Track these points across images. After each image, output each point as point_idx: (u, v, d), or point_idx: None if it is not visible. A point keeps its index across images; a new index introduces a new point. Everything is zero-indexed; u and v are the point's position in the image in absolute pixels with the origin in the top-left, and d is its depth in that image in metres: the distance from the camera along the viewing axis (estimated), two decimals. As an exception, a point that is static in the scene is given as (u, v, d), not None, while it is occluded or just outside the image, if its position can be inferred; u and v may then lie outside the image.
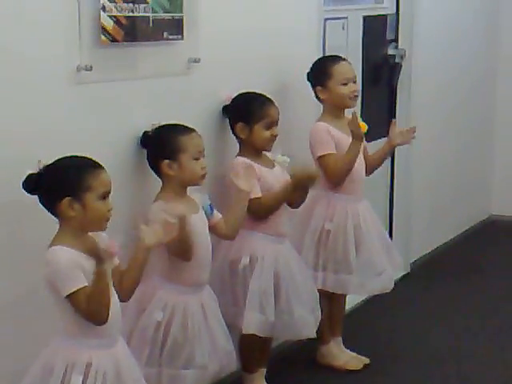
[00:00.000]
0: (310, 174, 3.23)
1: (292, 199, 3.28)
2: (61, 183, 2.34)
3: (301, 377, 3.68)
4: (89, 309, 2.29)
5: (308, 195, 3.34)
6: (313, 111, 3.67)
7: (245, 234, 3.20)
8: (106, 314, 2.32)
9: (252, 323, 3.14)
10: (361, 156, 3.60)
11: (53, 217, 2.38)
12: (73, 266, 2.29)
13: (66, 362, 2.32)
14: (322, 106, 3.62)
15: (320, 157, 3.49)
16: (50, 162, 2.38)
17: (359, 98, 3.67)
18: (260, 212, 3.20)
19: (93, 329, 2.33)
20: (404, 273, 4.73)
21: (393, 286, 3.70)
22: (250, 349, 3.33)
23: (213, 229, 2.97)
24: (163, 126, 2.90)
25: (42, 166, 2.36)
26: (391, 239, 4.06)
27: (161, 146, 2.85)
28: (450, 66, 5.31)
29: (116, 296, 2.42)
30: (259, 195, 3.18)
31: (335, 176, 3.50)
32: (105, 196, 2.37)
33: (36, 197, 2.38)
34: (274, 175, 3.25)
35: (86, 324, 2.32)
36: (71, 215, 2.34)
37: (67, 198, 2.33)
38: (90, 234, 2.42)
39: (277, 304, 3.21)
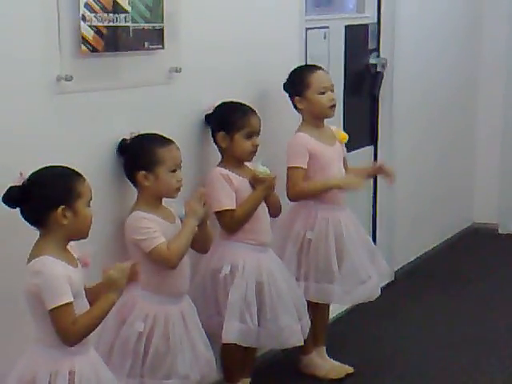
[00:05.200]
0: (270, 177, 3.21)
1: (267, 205, 3.28)
2: (53, 192, 2.33)
3: (284, 386, 3.68)
4: (70, 327, 2.29)
5: (288, 204, 3.34)
6: (293, 120, 3.67)
7: (225, 243, 3.20)
8: (82, 339, 2.33)
9: (231, 332, 3.13)
10: (340, 165, 3.61)
11: (29, 227, 2.36)
12: (63, 279, 2.28)
13: (49, 371, 2.31)
14: (300, 116, 3.62)
15: (289, 167, 3.49)
16: (31, 172, 2.36)
17: (341, 107, 3.69)
18: (232, 224, 3.20)
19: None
20: (388, 281, 4.74)
21: (379, 293, 3.70)
22: (232, 359, 3.32)
23: None
24: (142, 135, 2.89)
25: (23, 179, 2.34)
26: (374, 247, 4.06)
27: (138, 156, 2.84)
28: (432, 75, 5.34)
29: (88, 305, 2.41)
30: (233, 207, 3.17)
31: (293, 191, 3.47)
32: (89, 203, 2.39)
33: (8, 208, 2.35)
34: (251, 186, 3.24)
35: (60, 338, 2.31)
36: (63, 223, 2.33)
37: (61, 207, 2.32)
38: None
39: (261, 313, 3.21)
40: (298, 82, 3.55)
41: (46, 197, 2.33)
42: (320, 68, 3.61)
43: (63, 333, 2.29)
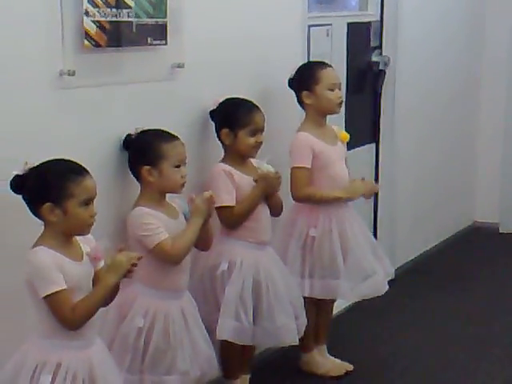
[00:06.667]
0: (272, 175, 3.21)
1: (268, 205, 3.28)
2: (43, 188, 2.34)
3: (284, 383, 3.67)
4: (68, 313, 2.29)
5: (290, 203, 3.34)
6: (297, 117, 3.67)
7: (225, 240, 3.20)
8: (85, 323, 2.34)
9: (225, 329, 3.12)
10: (343, 163, 3.61)
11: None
12: (53, 267, 2.29)
13: (37, 362, 2.33)
14: (304, 112, 3.61)
15: (293, 167, 3.49)
16: (37, 163, 2.38)
17: (343, 105, 3.67)
18: (231, 221, 3.20)
19: (66, 330, 2.34)
20: (389, 279, 4.73)
21: (386, 289, 3.68)
22: (230, 355, 3.32)
23: None
24: (147, 130, 2.89)
25: (27, 168, 2.36)
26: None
27: (142, 151, 2.84)
28: (434, 73, 5.33)
29: None
30: (232, 204, 3.17)
31: (301, 194, 3.47)
32: (87, 202, 2.37)
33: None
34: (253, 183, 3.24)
35: (60, 325, 2.32)
36: (52, 220, 2.34)
37: (48, 204, 2.33)
38: (75, 238, 2.42)
39: (257, 311, 3.20)
40: (307, 77, 3.54)
41: (36, 191, 2.35)
42: (329, 65, 3.61)
43: (63, 319, 2.31)
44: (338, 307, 4.24)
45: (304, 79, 3.55)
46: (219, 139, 3.26)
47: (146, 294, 2.81)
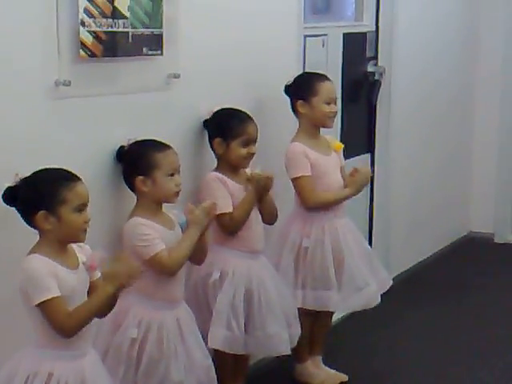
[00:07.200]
0: (265, 176, 3.22)
1: (262, 211, 3.28)
2: (35, 197, 2.34)
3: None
4: (63, 320, 2.29)
5: (284, 212, 3.34)
6: (291, 127, 3.67)
7: (217, 249, 3.19)
8: (79, 331, 2.33)
9: (217, 338, 3.12)
10: (338, 173, 3.61)
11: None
12: (46, 275, 2.29)
13: (28, 372, 2.32)
14: (298, 121, 3.62)
15: (295, 178, 3.49)
16: (27, 174, 2.38)
17: (339, 115, 3.70)
18: (230, 227, 3.20)
19: (59, 340, 2.33)
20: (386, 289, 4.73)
21: (378, 301, 3.68)
22: (223, 364, 3.29)
23: None
24: (139, 141, 2.89)
25: (18, 179, 2.36)
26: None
27: (135, 161, 2.84)
28: (429, 84, 5.34)
29: None
30: (231, 210, 3.18)
31: (314, 200, 3.49)
32: (81, 208, 2.37)
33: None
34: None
35: (53, 334, 2.32)
36: (47, 228, 2.34)
37: (42, 212, 2.33)
38: (71, 245, 2.42)
39: (249, 320, 3.20)
40: (305, 87, 3.55)
41: (29, 200, 2.35)
42: (329, 79, 3.62)
43: (57, 326, 2.30)
44: (334, 317, 4.24)
45: (302, 89, 3.56)
46: (212, 149, 3.27)
47: (141, 304, 2.80)
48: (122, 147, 2.88)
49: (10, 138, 2.51)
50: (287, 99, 3.61)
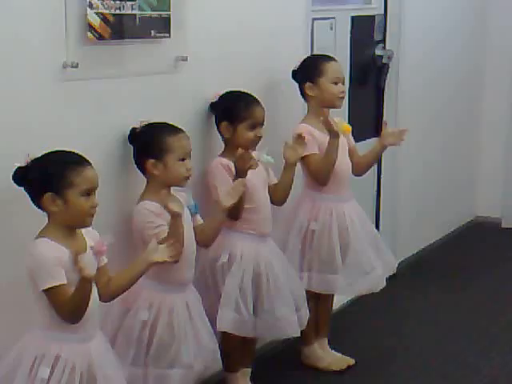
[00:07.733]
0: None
1: (279, 186, 3.34)
2: (44, 178, 2.35)
3: (286, 377, 3.67)
4: (65, 308, 2.30)
5: (292, 196, 3.33)
6: (300, 110, 3.66)
7: (225, 232, 3.18)
8: (81, 316, 2.33)
9: (225, 321, 3.12)
10: (346, 156, 3.60)
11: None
12: (54, 261, 2.29)
13: (36, 354, 2.33)
14: (307, 105, 3.60)
15: (303, 157, 3.48)
16: (39, 155, 2.38)
17: (346, 98, 3.67)
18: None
19: (66, 323, 2.34)
20: (392, 273, 4.73)
21: (383, 285, 3.68)
22: (231, 348, 3.30)
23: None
24: (152, 123, 2.88)
25: (29, 160, 2.37)
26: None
27: (147, 144, 2.84)
28: (437, 67, 5.32)
29: (96, 293, 2.41)
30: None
31: (319, 175, 3.50)
32: (89, 192, 2.37)
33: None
34: (256, 175, 3.22)
35: (60, 318, 2.33)
36: (54, 210, 2.35)
37: (48, 194, 2.33)
38: (79, 231, 2.42)
39: (258, 303, 3.20)
40: (312, 68, 3.53)
41: (38, 182, 2.36)
42: (335, 59, 3.60)
43: (62, 313, 2.31)
44: (339, 301, 4.25)
45: (308, 71, 3.54)
46: (219, 132, 3.26)
47: (151, 288, 2.81)
48: (133, 129, 2.87)
49: (19, 119, 2.51)
50: (295, 82, 3.60)
